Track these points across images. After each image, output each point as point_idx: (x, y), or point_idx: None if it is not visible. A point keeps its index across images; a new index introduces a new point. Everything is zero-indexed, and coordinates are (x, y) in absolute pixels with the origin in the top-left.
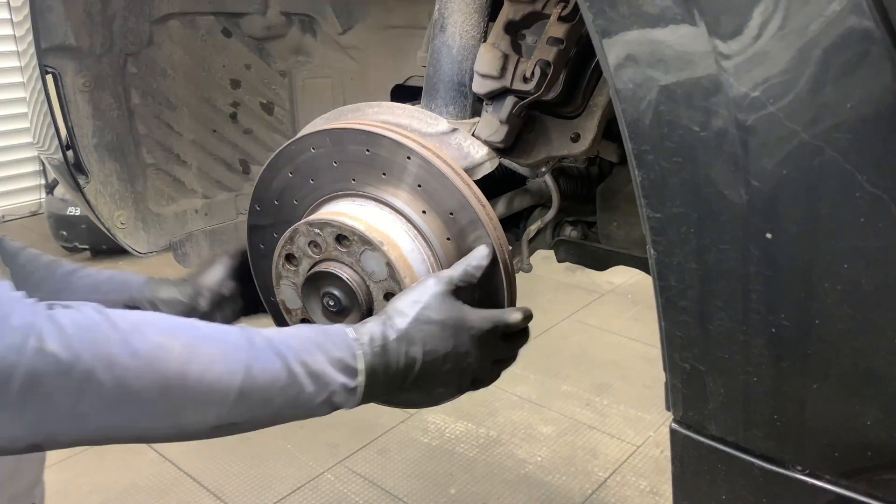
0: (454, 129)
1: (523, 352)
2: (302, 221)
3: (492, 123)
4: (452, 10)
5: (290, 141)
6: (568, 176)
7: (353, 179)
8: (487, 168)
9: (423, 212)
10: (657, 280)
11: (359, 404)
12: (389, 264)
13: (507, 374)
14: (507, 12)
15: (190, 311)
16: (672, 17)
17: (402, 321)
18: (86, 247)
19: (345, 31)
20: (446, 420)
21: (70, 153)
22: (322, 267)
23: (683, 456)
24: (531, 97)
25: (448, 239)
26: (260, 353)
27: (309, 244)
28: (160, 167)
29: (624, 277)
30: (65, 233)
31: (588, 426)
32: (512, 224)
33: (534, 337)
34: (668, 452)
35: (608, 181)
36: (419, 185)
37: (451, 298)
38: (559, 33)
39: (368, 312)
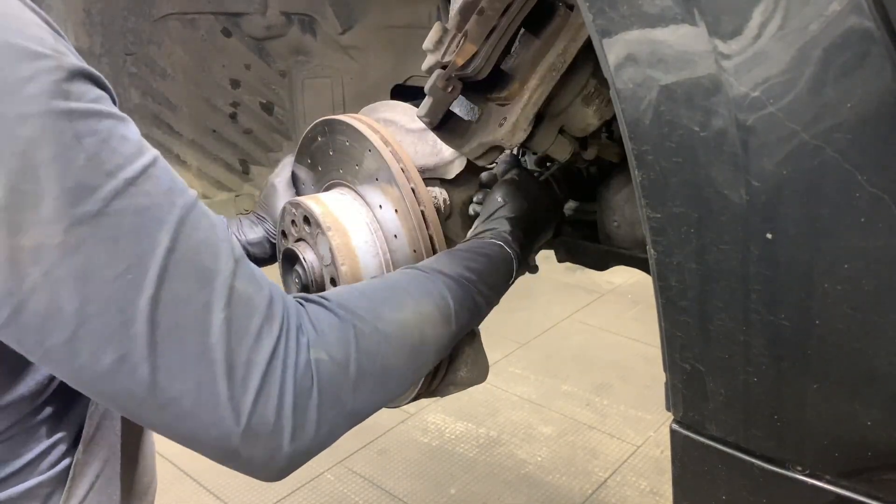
0: None
1: (523, 352)
2: (288, 201)
3: (426, 100)
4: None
5: (309, 127)
6: (568, 175)
7: (340, 170)
8: (458, 166)
9: (380, 206)
10: (657, 280)
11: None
12: (331, 249)
13: (507, 374)
14: None
15: (274, 247)
16: (672, 16)
17: (512, 212)
18: None
19: (345, 30)
20: (446, 420)
21: None
22: (293, 245)
23: (683, 456)
24: (450, 69)
25: (395, 236)
26: (461, 298)
27: (291, 223)
28: None
29: (624, 277)
30: None
31: (588, 426)
32: None
33: (534, 337)
34: (668, 452)
35: (608, 181)
36: (376, 179)
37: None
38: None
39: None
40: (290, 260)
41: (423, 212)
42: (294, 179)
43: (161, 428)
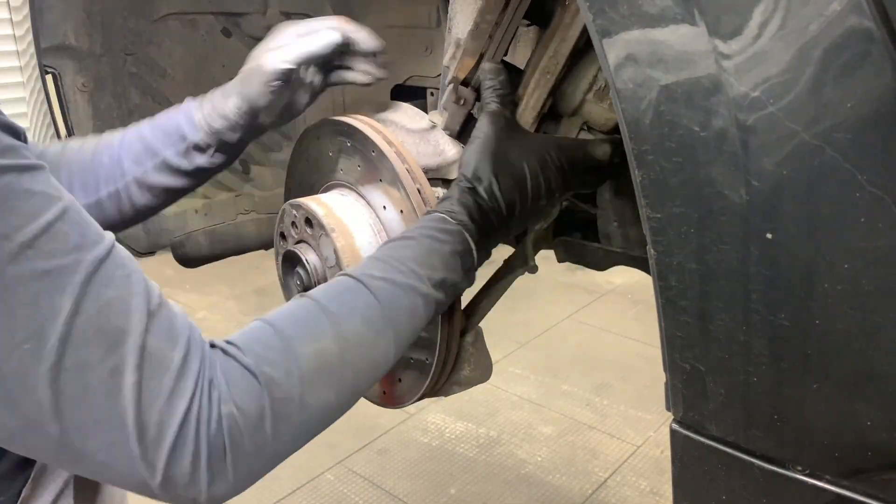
0: (433, 126)
1: (523, 352)
2: (288, 202)
3: (445, 113)
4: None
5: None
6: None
7: (341, 170)
8: None
9: (384, 207)
10: (657, 280)
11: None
12: (336, 251)
13: (507, 374)
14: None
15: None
16: (672, 16)
17: (481, 177)
18: None
19: None
20: (446, 420)
21: None
22: (293, 247)
23: (683, 456)
24: (455, 82)
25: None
26: (394, 308)
27: (291, 224)
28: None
29: (624, 277)
30: None
31: (588, 426)
32: None
33: (534, 337)
34: (668, 452)
35: (608, 181)
36: (380, 180)
37: (509, 129)
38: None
39: None
40: (292, 262)
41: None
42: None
43: (84, 474)
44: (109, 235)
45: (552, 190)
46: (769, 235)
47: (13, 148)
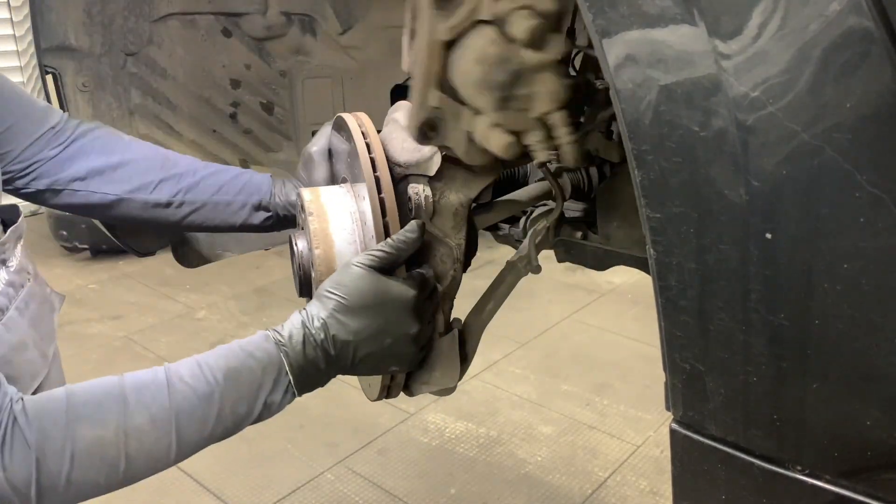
0: None
1: (523, 352)
2: (297, 190)
3: None
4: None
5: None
6: (569, 175)
7: (342, 163)
8: (436, 163)
9: (363, 197)
10: (657, 280)
11: (302, 394)
12: (310, 233)
13: (507, 374)
14: None
15: None
16: (672, 16)
17: (322, 310)
18: (86, 246)
19: (345, 30)
20: (446, 420)
21: None
22: (293, 232)
23: (683, 456)
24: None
25: (364, 223)
26: (184, 415)
27: (300, 210)
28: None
29: (624, 277)
30: (64, 232)
31: (588, 426)
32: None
33: (534, 337)
34: (668, 452)
35: (608, 181)
36: (356, 169)
37: (374, 275)
38: None
39: (305, 278)
40: (292, 247)
41: (382, 199)
42: (330, 150)
43: None
44: None
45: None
46: (769, 235)
47: None
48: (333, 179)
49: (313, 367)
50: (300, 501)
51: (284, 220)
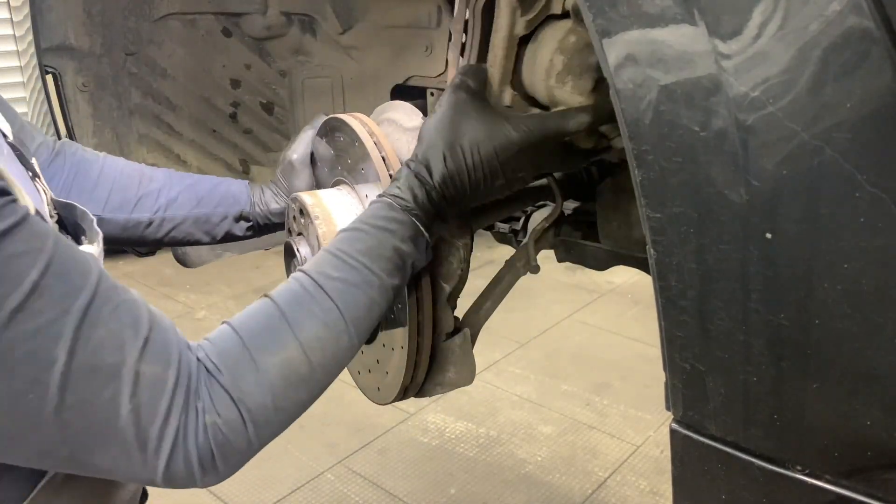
0: None
1: (523, 352)
2: (290, 196)
3: None
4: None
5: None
6: (569, 175)
7: (338, 167)
8: None
9: (366, 196)
10: (657, 280)
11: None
12: (318, 238)
13: (507, 374)
14: None
15: None
16: (672, 16)
17: (430, 158)
18: None
19: (345, 31)
20: (446, 420)
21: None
22: (291, 239)
23: (683, 456)
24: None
25: None
26: (351, 307)
27: (293, 218)
28: (160, 167)
29: (624, 277)
30: None
31: (588, 426)
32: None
33: (534, 337)
34: (668, 452)
35: (608, 181)
36: (362, 170)
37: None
38: None
39: None
40: (290, 254)
41: None
42: (312, 156)
43: (93, 475)
44: (93, 270)
45: (514, 170)
46: (769, 235)
47: None
48: (317, 187)
49: (441, 214)
50: (300, 501)
51: (265, 228)
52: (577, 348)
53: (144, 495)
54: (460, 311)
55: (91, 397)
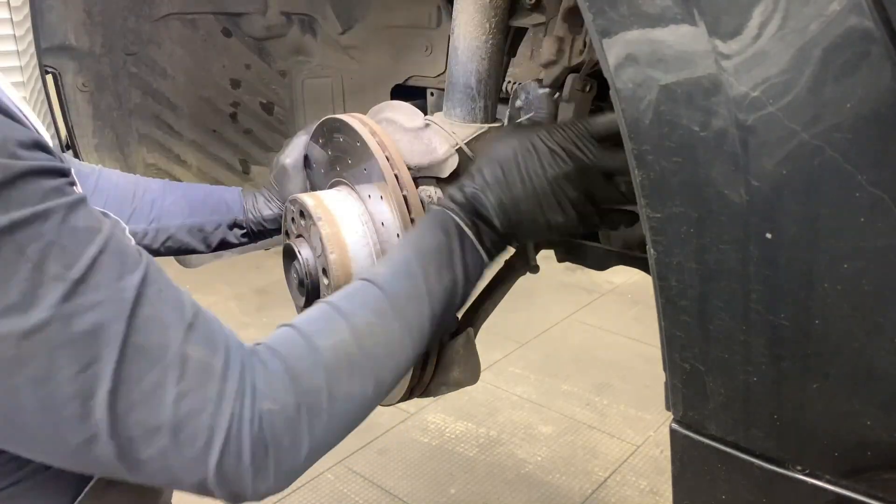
0: (427, 125)
1: (523, 352)
2: (288, 198)
3: (568, 107)
4: (459, 10)
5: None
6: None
7: (337, 167)
8: (451, 165)
9: (369, 196)
10: (657, 280)
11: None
12: (321, 239)
13: (507, 374)
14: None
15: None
16: (672, 16)
17: (481, 177)
18: None
19: (345, 31)
20: (446, 420)
21: (70, 153)
22: (290, 241)
23: (683, 456)
24: (585, 68)
25: (382, 224)
26: (399, 297)
27: (291, 220)
28: (160, 167)
29: (624, 277)
30: None
31: (588, 426)
32: None
33: (533, 337)
34: (668, 452)
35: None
36: (364, 170)
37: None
38: None
39: (313, 287)
40: (290, 256)
41: (405, 196)
42: (306, 160)
43: (143, 482)
44: (143, 254)
45: (571, 206)
46: (769, 235)
47: (59, 189)
48: (311, 190)
49: (486, 223)
50: (300, 501)
51: (259, 235)
52: (577, 348)
53: None
54: (460, 311)
55: (139, 378)
